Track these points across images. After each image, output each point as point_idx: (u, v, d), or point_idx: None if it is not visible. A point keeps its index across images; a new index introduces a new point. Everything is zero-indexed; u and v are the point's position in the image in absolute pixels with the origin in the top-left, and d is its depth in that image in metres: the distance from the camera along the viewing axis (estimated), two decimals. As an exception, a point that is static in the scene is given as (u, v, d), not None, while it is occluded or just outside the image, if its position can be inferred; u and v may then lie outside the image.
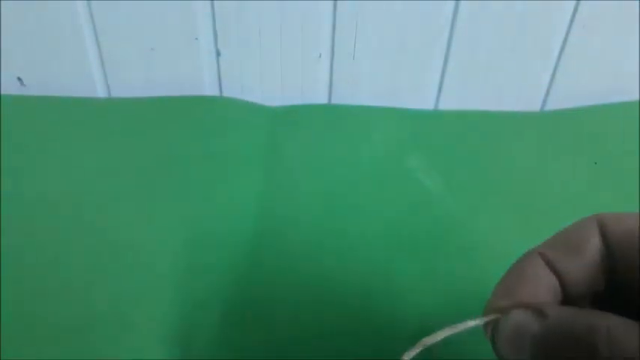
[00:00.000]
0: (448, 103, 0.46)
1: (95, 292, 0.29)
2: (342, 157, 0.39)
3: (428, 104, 0.47)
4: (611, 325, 0.13)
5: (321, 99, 0.46)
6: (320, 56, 0.44)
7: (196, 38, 0.43)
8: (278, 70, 0.44)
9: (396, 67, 0.45)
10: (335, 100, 0.46)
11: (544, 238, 0.32)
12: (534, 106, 0.47)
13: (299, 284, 0.30)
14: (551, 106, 0.47)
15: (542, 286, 0.16)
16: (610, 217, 0.17)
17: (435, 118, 0.45)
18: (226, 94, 0.46)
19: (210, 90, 0.46)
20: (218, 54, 0.44)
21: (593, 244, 0.16)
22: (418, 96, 0.46)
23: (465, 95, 0.46)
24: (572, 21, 0.43)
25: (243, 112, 0.43)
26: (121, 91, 0.45)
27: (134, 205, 0.34)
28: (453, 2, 0.41)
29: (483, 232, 0.33)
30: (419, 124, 0.43)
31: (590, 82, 0.46)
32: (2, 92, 0.45)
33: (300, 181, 0.37)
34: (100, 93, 0.46)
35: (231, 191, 0.36)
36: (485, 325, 0.16)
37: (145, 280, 0.30)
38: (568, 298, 0.17)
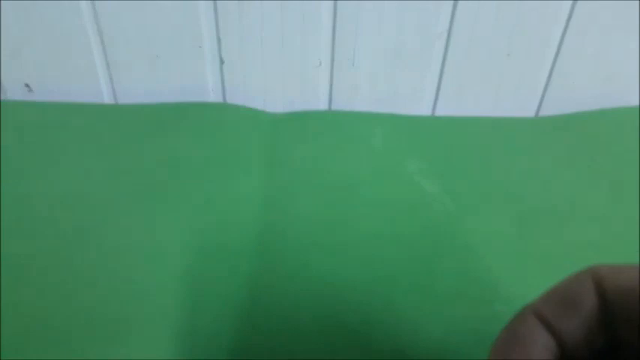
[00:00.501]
0: (445, 109, 0.47)
1: (96, 296, 0.29)
2: (341, 162, 0.39)
3: (425, 110, 0.47)
4: None
5: (322, 105, 0.47)
6: (320, 63, 0.45)
7: (200, 46, 0.44)
8: (280, 77, 0.45)
9: (394, 73, 0.45)
10: (335, 107, 0.47)
11: (539, 244, 0.33)
12: (530, 111, 0.48)
13: (300, 288, 0.30)
14: (546, 111, 0.47)
15: (538, 347, 0.15)
16: (606, 270, 0.16)
17: (432, 123, 0.45)
18: (229, 100, 0.46)
19: (213, 97, 0.46)
20: (222, 62, 0.44)
21: (590, 301, 0.16)
22: (416, 102, 0.47)
23: (461, 101, 0.47)
24: (567, 26, 0.43)
25: (245, 118, 0.43)
26: (126, 98, 0.46)
27: (137, 209, 0.35)
28: (450, 10, 0.42)
29: (480, 237, 0.34)
30: (417, 129, 0.43)
31: (586, 87, 0.46)
32: (10, 98, 0.45)
33: (301, 185, 0.37)
34: (106, 99, 0.46)
35: (233, 196, 0.36)
36: None
37: (147, 283, 0.30)
38: (566, 357, 0.16)
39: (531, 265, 0.32)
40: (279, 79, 0.45)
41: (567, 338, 0.16)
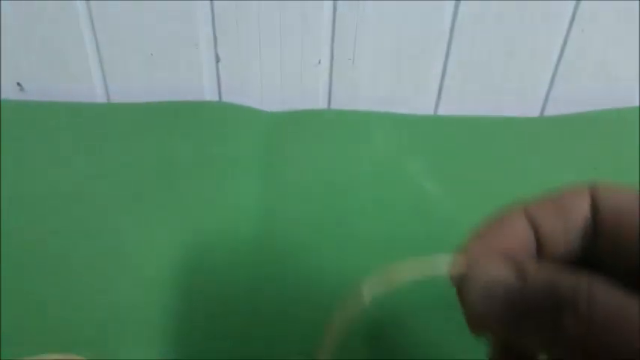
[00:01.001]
0: (447, 109, 0.46)
1: (94, 295, 0.29)
2: (341, 162, 0.39)
3: (427, 109, 0.47)
4: (592, 282, 0.13)
5: (321, 104, 0.46)
6: (319, 62, 0.44)
7: (196, 44, 0.43)
8: (278, 75, 0.45)
9: (395, 72, 0.45)
10: (334, 106, 0.46)
11: None
12: (534, 111, 0.47)
13: (299, 288, 0.30)
14: (550, 111, 0.47)
15: (518, 239, 0.16)
16: (605, 189, 0.16)
17: (434, 123, 0.45)
18: (226, 99, 0.46)
19: (209, 95, 0.46)
20: (218, 59, 0.44)
21: (581, 211, 0.16)
22: (418, 101, 0.46)
23: (464, 100, 0.46)
24: (570, 26, 0.43)
25: (242, 118, 0.43)
26: (120, 97, 0.45)
27: (133, 209, 0.34)
28: (452, 8, 0.42)
29: None
30: (418, 129, 0.43)
31: (590, 87, 0.46)
32: (2, 97, 0.45)
33: (299, 185, 0.37)
34: (100, 98, 0.46)
35: (230, 196, 0.36)
36: (452, 267, 0.16)
37: (145, 283, 0.30)
38: (541, 257, 0.16)
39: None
40: (277, 78, 0.45)
41: (548, 238, 0.16)
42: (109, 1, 0.41)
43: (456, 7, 0.41)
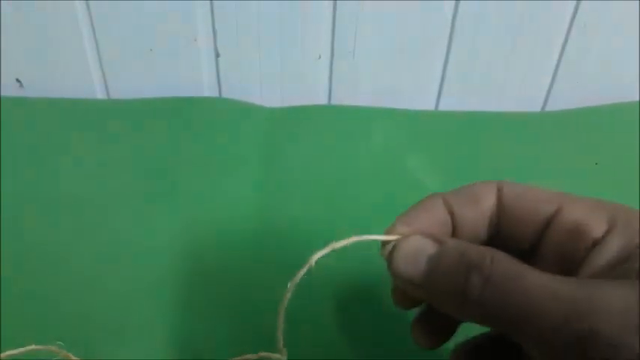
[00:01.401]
0: (448, 104, 0.46)
1: (93, 293, 0.29)
2: (341, 158, 0.39)
3: (428, 105, 0.46)
4: (494, 252, 0.16)
5: (321, 100, 0.46)
6: (319, 57, 0.44)
7: (195, 39, 0.43)
8: (277, 70, 0.44)
9: (395, 67, 0.44)
10: (334, 101, 0.46)
11: None
12: (535, 106, 0.47)
13: (298, 285, 0.30)
14: (552, 106, 0.47)
15: (437, 222, 0.19)
16: (508, 184, 0.20)
17: (435, 118, 0.44)
18: (225, 95, 0.46)
19: (209, 91, 0.45)
20: (217, 55, 0.44)
21: (488, 200, 0.19)
22: (418, 96, 0.46)
23: (465, 96, 0.46)
24: (572, 21, 0.43)
25: (242, 113, 0.43)
26: (119, 93, 0.45)
27: (132, 206, 0.34)
28: (453, 2, 0.41)
29: None
30: (419, 124, 0.43)
31: (591, 82, 0.46)
32: (1, 94, 0.44)
33: (299, 181, 0.37)
34: (99, 94, 0.45)
35: (230, 192, 0.36)
36: (383, 245, 0.19)
37: (144, 280, 0.30)
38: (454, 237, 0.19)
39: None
40: (277, 73, 0.44)
41: (462, 223, 0.19)
42: (108, -3, 0.41)
43: (458, 1, 0.41)
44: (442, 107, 0.46)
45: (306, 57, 0.44)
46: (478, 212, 0.19)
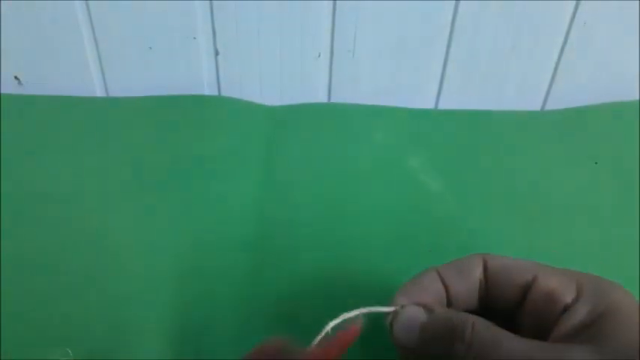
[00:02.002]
0: (448, 102, 0.46)
1: (93, 293, 0.29)
2: (341, 157, 0.39)
3: (428, 103, 0.46)
4: (475, 320, 0.19)
5: (321, 98, 0.46)
6: (319, 55, 0.44)
7: (195, 37, 0.43)
8: (277, 69, 0.44)
9: (395, 65, 0.44)
10: (334, 99, 0.46)
11: (543, 237, 0.33)
12: (535, 105, 0.47)
13: (298, 285, 0.30)
14: (551, 105, 0.47)
15: (433, 294, 0.21)
16: (492, 256, 0.22)
17: (435, 117, 0.44)
18: (225, 93, 0.45)
19: (208, 89, 0.45)
20: (217, 53, 0.44)
21: (477, 272, 0.22)
22: (418, 95, 0.46)
23: (465, 94, 0.46)
24: (572, 20, 0.42)
25: (241, 112, 0.43)
26: (118, 91, 0.45)
27: (132, 204, 0.34)
28: (453, 2, 0.41)
29: (483, 231, 0.33)
30: (419, 123, 0.43)
31: (591, 81, 0.46)
32: (0, 91, 0.44)
33: (299, 180, 0.37)
34: (98, 92, 0.45)
35: (230, 191, 0.36)
36: (387, 315, 0.21)
37: (143, 281, 0.30)
38: (450, 306, 0.22)
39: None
40: (277, 71, 0.44)
41: (455, 293, 0.22)
42: (107, -6, 0.41)
43: (457, 1, 0.41)
44: (442, 106, 0.46)
45: (306, 55, 0.44)
46: (469, 283, 0.22)
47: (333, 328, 0.20)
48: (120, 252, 0.31)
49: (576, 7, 0.42)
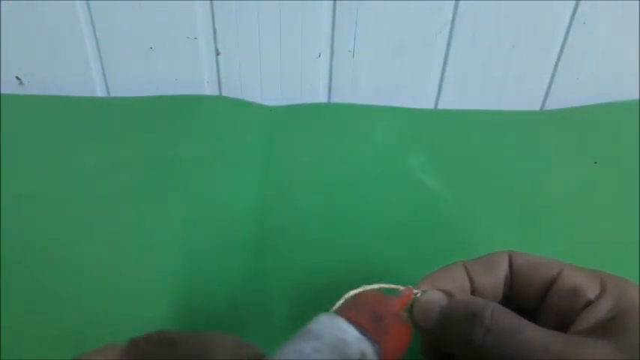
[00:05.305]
0: (448, 102, 0.46)
1: (93, 292, 0.29)
2: (341, 157, 0.39)
3: (428, 103, 0.46)
4: (495, 307, 0.19)
5: (321, 98, 0.46)
6: (319, 55, 0.44)
7: (195, 37, 0.43)
8: (277, 69, 0.44)
9: (395, 66, 0.44)
10: (334, 99, 0.46)
11: (543, 236, 0.33)
12: (534, 105, 0.47)
13: (299, 284, 0.30)
14: (551, 105, 0.47)
15: (457, 284, 0.22)
16: (517, 253, 0.22)
17: (434, 117, 0.44)
18: (225, 93, 0.46)
19: (209, 89, 0.45)
20: (217, 53, 0.44)
21: (502, 267, 0.22)
22: (418, 95, 0.46)
23: (465, 94, 0.46)
24: (572, 20, 0.43)
25: (242, 112, 0.43)
26: (119, 91, 0.45)
27: (133, 204, 0.34)
28: (453, 2, 0.41)
29: (483, 230, 0.33)
30: (419, 122, 0.43)
31: (591, 81, 0.46)
32: (1, 91, 0.44)
33: (299, 179, 0.37)
34: (99, 92, 0.45)
35: (230, 190, 0.35)
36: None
37: (143, 281, 0.29)
38: None
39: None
40: (277, 71, 0.44)
41: (479, 286, 0.22)
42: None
43: (457, 1, 0.41)
44: (441, 106, 0.46)
45: (306, 56, 0.44)
46: (495, 278, 0.22)
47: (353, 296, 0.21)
48: (120, 252, 0.31)
49: (576, 7, 0.42)
